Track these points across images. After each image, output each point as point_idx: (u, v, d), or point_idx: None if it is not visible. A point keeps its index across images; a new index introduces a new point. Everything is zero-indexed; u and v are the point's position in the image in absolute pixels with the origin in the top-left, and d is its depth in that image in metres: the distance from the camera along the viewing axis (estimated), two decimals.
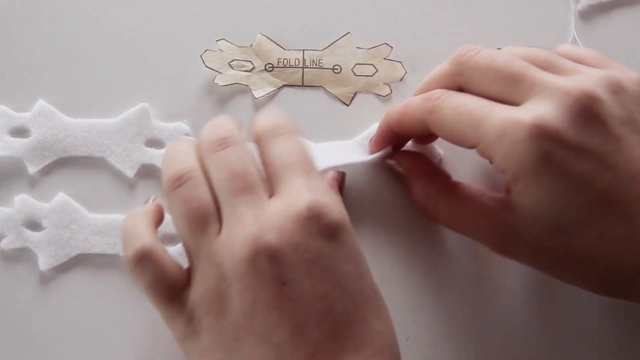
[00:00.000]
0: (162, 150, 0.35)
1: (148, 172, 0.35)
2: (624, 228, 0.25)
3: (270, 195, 0.26)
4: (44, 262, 0.33)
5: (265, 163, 0.27)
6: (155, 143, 0.35)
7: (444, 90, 0.29)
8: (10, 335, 0.33)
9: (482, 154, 0.27)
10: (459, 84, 0.29)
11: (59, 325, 0.33)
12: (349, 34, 0.37)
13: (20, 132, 0.35)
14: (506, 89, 0.27)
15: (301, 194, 0.24)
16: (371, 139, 0.34)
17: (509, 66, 0.27)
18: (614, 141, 0.26)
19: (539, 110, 0.26)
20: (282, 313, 0.23)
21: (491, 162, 0.27)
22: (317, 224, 0.24)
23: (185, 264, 0.27)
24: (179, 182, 0.26)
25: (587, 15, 0.37)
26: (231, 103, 0.36)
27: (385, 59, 0.37)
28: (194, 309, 0.25)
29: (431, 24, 0.37)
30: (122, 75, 0.36)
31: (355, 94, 0.36)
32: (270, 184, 0.26)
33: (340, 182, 0.33)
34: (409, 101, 0.30)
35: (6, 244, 0.34)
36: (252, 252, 0.23)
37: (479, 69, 0.28)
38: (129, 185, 0.35)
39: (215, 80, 0.36)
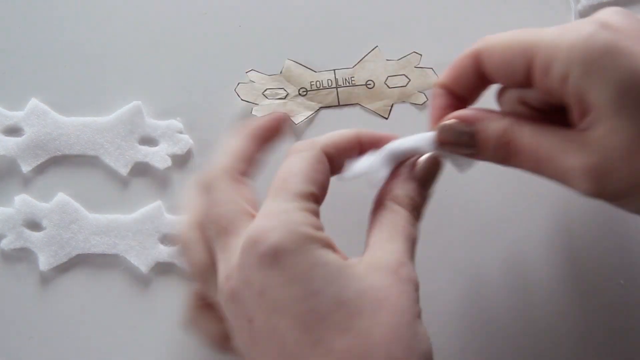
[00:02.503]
0: (156, 148, 0.35)
1: (141, 170, 0.35)
2: None
3: None
4: (44, 262, 0.34)
5: None
6: (148, 141, 0.35)
7: None
8: (10, 335, 0.33)
9: (542, 65, 0.23)
10: None
11: (59, 325, 0.33)
12: (377, 48, 0.36)
13: (13, 131, 0.35)
14: None
15: (253, 223, 0.23)
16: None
17: None
18: None
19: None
20: (255, 350, 0.22)
21: (543, 87, 0.24)
22: (256, 253, 0.22)
23: None
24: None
25: (587, 15, 0.35)
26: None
27: (416, 67, 0.36)
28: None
29: (453, 27, 0.36)
30: (115, 74, 0.36)
31: (392, 106, 0.36)
32: None
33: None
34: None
35: (6, 244, 0.34)
36: (225, 297, 0.23)
37: None
38: (123, 183, 0.35)
39: (253, 112, 0.35)
